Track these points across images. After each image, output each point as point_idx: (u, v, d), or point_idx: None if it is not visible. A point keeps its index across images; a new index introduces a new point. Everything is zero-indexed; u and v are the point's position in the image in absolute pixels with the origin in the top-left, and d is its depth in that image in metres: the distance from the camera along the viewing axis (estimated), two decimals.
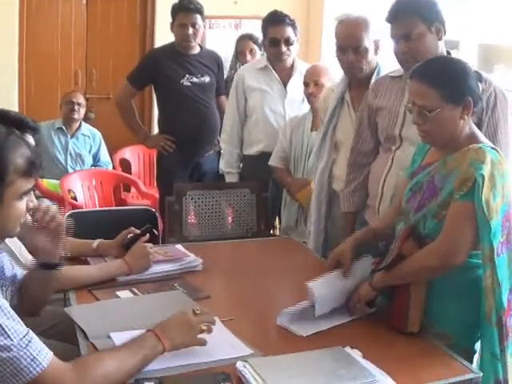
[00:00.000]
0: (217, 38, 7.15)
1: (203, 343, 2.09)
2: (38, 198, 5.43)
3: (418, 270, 2.32)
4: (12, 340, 1.72)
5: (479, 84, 2.36)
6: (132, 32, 7.27)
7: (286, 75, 4.49)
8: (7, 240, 2.17)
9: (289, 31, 4.37)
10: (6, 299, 2.12)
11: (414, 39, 2.81)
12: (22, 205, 1.91)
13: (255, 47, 5.22)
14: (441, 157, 2.41)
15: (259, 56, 5.16)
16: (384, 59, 3.47)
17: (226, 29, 7.32)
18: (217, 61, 4.94)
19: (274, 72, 4.47)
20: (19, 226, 1.96)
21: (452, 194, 2.27)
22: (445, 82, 2.30)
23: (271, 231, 4.64)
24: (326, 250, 3.51)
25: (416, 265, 2.32)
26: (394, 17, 2.86)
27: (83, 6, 7.12)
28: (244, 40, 5.32)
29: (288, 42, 4.38)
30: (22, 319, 1.82)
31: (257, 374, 1.94)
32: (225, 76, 5.13)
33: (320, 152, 3.64)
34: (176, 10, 4.69)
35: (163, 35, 5.54)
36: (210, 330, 2.11)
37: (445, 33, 2.86)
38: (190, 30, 4.62)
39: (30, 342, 1.76)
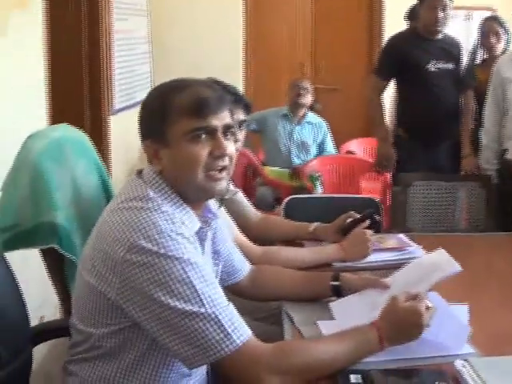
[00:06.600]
0: (446, 30, 6.90)
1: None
2: (260, 185, 5.54)
3: None
4: (206, 309, 1.62)
5: None
6: (359, 26, 7.27)
7: None
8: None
9: None
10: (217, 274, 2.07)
11: None
12: (192, 147, 1.78)
13: (501, 30, 4.87)
14: None
15: (505, 40, 4.84)
16: None
17: (456, 20, 7.00)
18: (459, 49, 4.72)
19: None
20: (200, 174, 1.80)
21: None
22: None
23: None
24: None
25: None
26: None
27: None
28: (489, 21, 5.00)
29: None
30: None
31: (477, 375, 1.70)
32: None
33: None
34: None
35: (391, 28, 5.42)
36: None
37: None
38: (441, 14, 4.46)
39: (227, 315, 1.64)
